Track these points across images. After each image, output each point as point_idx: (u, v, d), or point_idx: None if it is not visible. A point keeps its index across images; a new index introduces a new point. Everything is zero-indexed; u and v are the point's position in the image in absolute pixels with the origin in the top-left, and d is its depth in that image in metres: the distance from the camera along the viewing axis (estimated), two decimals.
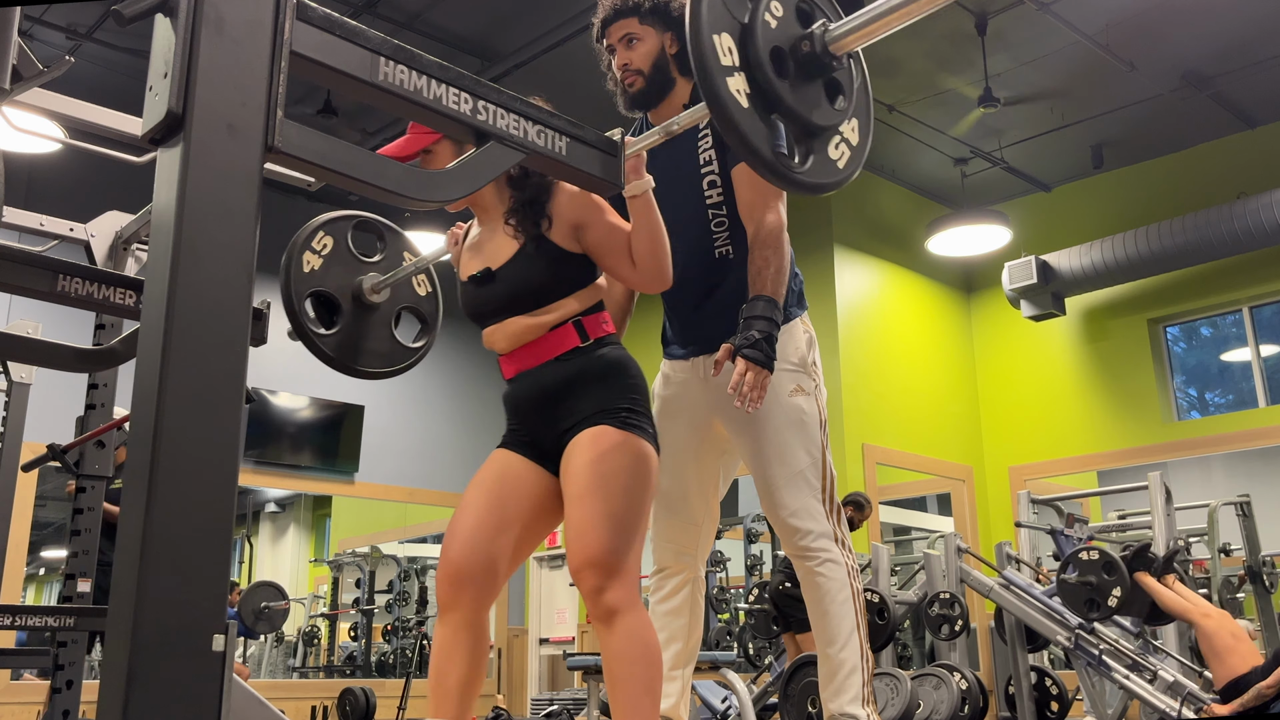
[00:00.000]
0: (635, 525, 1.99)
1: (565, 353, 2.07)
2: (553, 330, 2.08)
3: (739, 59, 1.33)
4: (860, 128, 1.52)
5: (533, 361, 2.09)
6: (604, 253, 2.09)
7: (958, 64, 6.95)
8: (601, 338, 2.10)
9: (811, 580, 2.32)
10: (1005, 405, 8.69)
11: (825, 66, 1.40)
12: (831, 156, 1.47)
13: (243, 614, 6.82)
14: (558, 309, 2.08)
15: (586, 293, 2.13)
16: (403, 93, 1.21)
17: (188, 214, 0.95)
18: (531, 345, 2.09)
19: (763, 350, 2.21)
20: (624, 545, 1.95)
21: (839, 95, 1.45)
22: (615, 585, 1.92)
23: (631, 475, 1.99)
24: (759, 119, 1.33)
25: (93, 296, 1.99)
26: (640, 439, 2.03)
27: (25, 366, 3.90)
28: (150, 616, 0.87)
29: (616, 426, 2.01)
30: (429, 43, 6.52)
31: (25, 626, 3.43)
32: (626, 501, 1.97)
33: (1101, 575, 4.35)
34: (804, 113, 1.38)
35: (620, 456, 1.99)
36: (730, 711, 5.41)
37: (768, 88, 1.34)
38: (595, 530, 1.93)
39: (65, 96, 2.73)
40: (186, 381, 0.92)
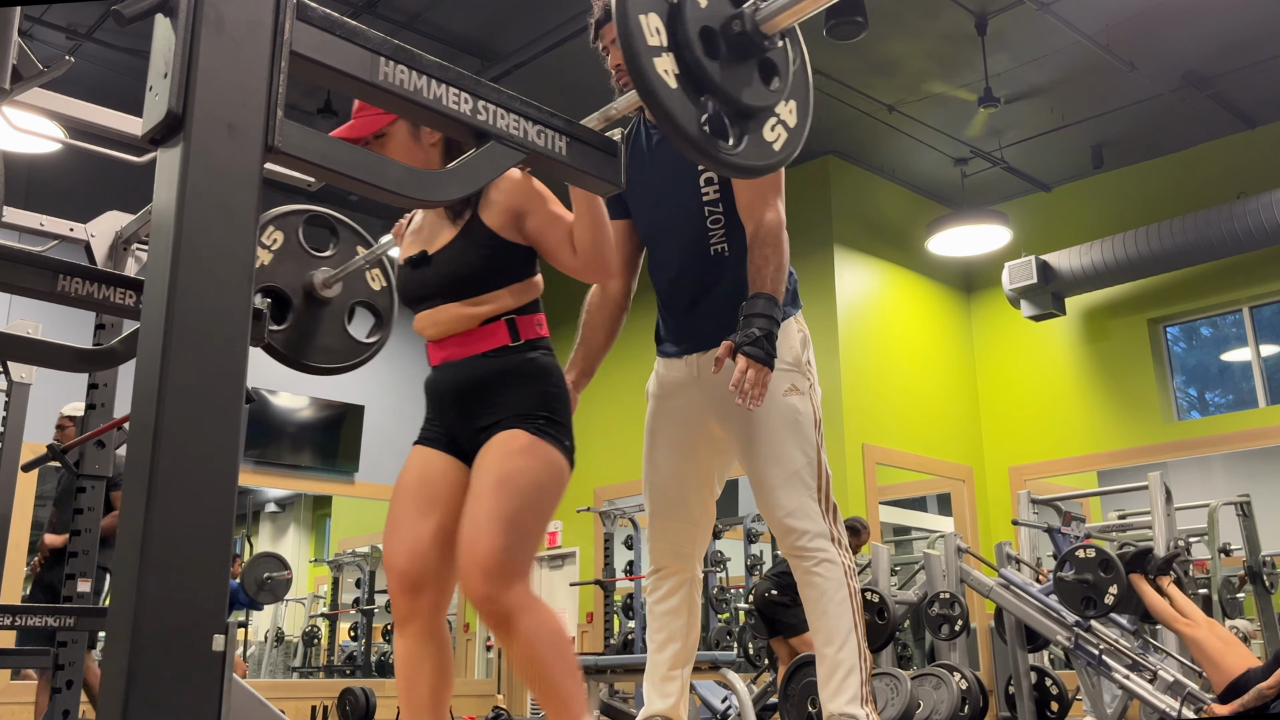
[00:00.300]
0: (531, 531, 1.94)
1: (493, 349, 2.03)
2: (484, 324, 2.04)
3: (667, 39, 1.31)
4: (799, 109, 1.50)
5: (459, 353, 2.06)
6: (545, 241, 2.05)
7: (958, 64, 6.95)
8: (533, 339, 2.06)
9: (808, 580, 2.31)
10: (1005, 405, 8.69)
11: (757, 46, 1.38)
12: (767, 138, 1.44)
13: (245, 585, 6.82)
14: (492, 301, 2.04)
15: (523, 288, 2.08)
16: (403, 93, 1.21)
17: (188, 214, 0.95)
18: (460, 336, 2.05)
19: (763, 347, 2.20)
20: (516, 547, 1.89)
21: (774, 76, 1.42)
22: (507, 588, 1.87)
23: (535, 482, 1.95)
24: (689, 100, 1.31)
25: (93, 296, 1.99)
26: (553, 448, 1.99)
27: (25, 366, 3.90)
28: (150, 616, 0.87)
29: (530, 432, 1.97)
30: (429, 43, 6.52)
31: (25, 627, 3.43)
32: (525, 505, 1.92)
33: (1098, 573, 4.36)
34: (735, 93, 1.36)
35: (527, 460, 1.95)
36: (730, 711, 5.41)
37: (697, 68, 1.32)
38: (488, 531, 1.88)
39: (65, 96, 2.73)
40: (186, 381, 0.92)
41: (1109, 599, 4.31)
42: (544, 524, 1.98)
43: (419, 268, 2.09)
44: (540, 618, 1.89)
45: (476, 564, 1.87)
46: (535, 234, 2.05)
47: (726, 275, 2.41)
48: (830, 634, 2.29)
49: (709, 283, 2.44)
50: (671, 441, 2.50)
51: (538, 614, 1.89)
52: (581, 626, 9.09)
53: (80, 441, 3.21)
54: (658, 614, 2.51)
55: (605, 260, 2.01)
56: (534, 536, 1.94)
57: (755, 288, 2.29)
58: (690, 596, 2.52)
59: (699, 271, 2.45)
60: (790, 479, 2.33)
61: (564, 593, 9.35)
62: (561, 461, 2.01)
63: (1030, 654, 4.99)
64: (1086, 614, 4.43)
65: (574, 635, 9.17)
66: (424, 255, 2.09)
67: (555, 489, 2.00)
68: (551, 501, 1.99)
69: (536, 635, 1.87)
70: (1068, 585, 4.42)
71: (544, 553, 9.62)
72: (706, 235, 2.43)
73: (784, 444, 2.34)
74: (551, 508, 2.00)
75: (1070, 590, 4.42)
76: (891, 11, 6.32)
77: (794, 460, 2.34)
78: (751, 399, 2.18)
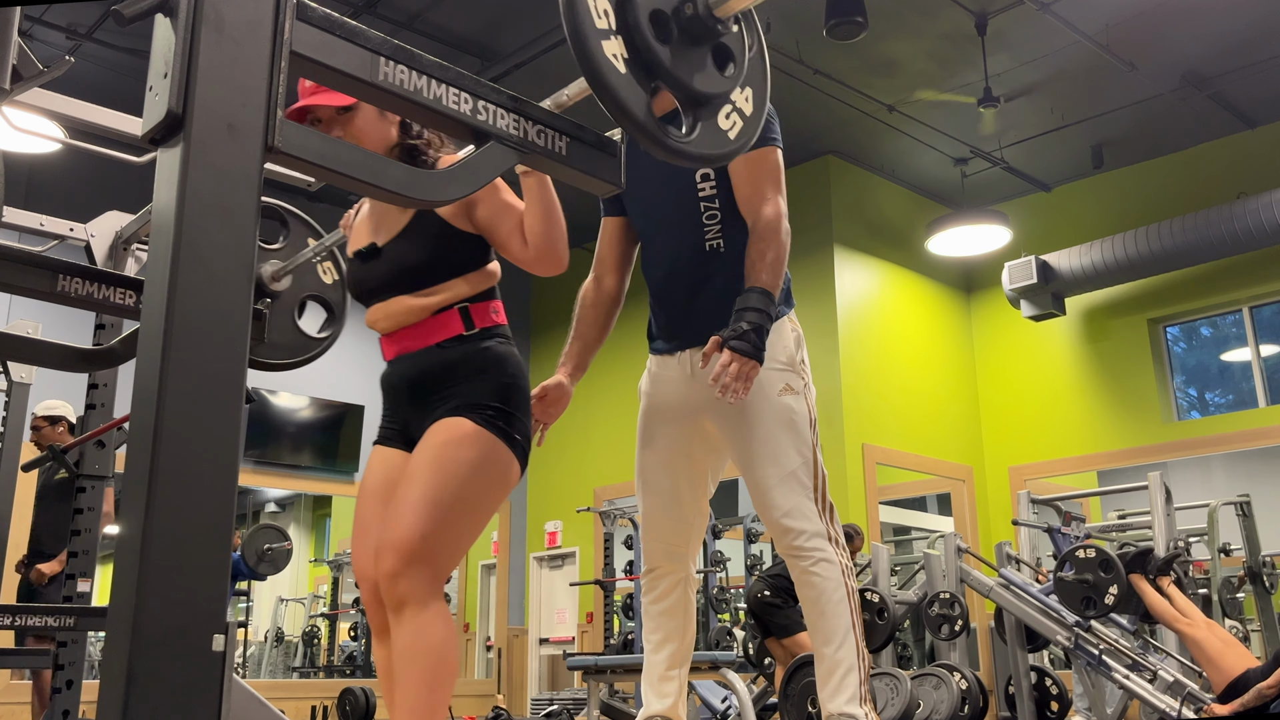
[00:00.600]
0: (459, 521, 1.86)
1: (447, 339, 1.97)
2: (436, 314, 1.98)
3: (615, 21, 1.26)
4: (755, 97, 1.46)
5: (413, 345, 2.00)
6: (495, 230, 1.98)
7: (958, 64, 6.95)
8: (489, 328, 2.01)
9: (806, 580, 2.31)
10: (1005, 405, 8.69)
11: (711, 31, 1.34)
12: (722, 126, 1.40)
13: (246, 556, 6.83)
14: (444, 291, 1.98)
15: (477, 276, 2.02)
16: (403, 93, 1.21)
17: (188, 214, 0.95)
18: (413, 328, 1.99)
19: (750, 341, 2.18)
20: (438, 535, 1.82)
21: (729, 62, 1.38)
22: (414, 574, 1.79)
23: (473, 471, 1.87)
24: (638, 85, 1.27)
25: (93, 296, 1.99)
26: (498, 439, 1.92)
27: (25, 366, 3.90)
28: (150, 616, 0.87)
29: (476, 422, 1.90)
30: (429, 43, 6.52)
31: (26, 626, 3.44)
32: (457, 493, 1.85)
33: (1098, 573, 4.36)
34: (688, 80, 1.32)
35: (467, 449, 1.88)
36: (730, 711, 5.41)
37: (647, 52, 1.28)
38: (413, 512, 1.81)
39: (65, 96, 2.73)
40: (186, 381, 0.92)
41: (1109, 599, 4.31)
42: (476, 518, 1.90)
43: (369, 260, 2.03)
44: (430, 620, 1.81)
45: (391, 543, 1.81)
46: (486, 223, 1.99)
47: (722, 271, 2.40)
48: (828, 634, 2.29)
49: (704, 278, 2.43)
50: (665, 440, 2.48)
51: (431, 616, 1.81)
52: (581, 626, 9.09)
53: (80, 441, 3.21)
54: (653, 614, 2.50)
55: (557, 251, 1.94)
56: (460, 529, 1.87)
57: (749, 281, 2.28)
58: (685, 596, 2.51)
59: (694, 267, 2.44)
60: (786, 479, 2.32)
61: (564, 593, 9.35)
62: (505, 455, 1.93)
63: (1030, 654, 4.99)
64: (1087, 614, 4.43)
65: (574, 635, 9.17)
66: (374, 248, 2.03)
67: (494, 483, 1.92)
68: (488, 496, 1.91)
69: (418, 633, 1.79)
70: (1068, 585, 4.42)
71: (543, 553, 9.62)
72: (702, 230, 2.42)
73: (779, 444, 2.33)
74: (488, 502, 1.92)
75: (1070, 590, 4.41)
76: (891, 11, 6.33)
77: (790, 460, 2.33)
78: (733, 392, 2.16)
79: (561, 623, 9.40)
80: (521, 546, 9.72)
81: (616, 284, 2.64)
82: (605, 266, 2.66)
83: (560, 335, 7.72)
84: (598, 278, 2.67)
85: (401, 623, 1.80)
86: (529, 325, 10.15)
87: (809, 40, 6.53)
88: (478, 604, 10.41)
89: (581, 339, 2.63)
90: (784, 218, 2.37)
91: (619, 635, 7.66)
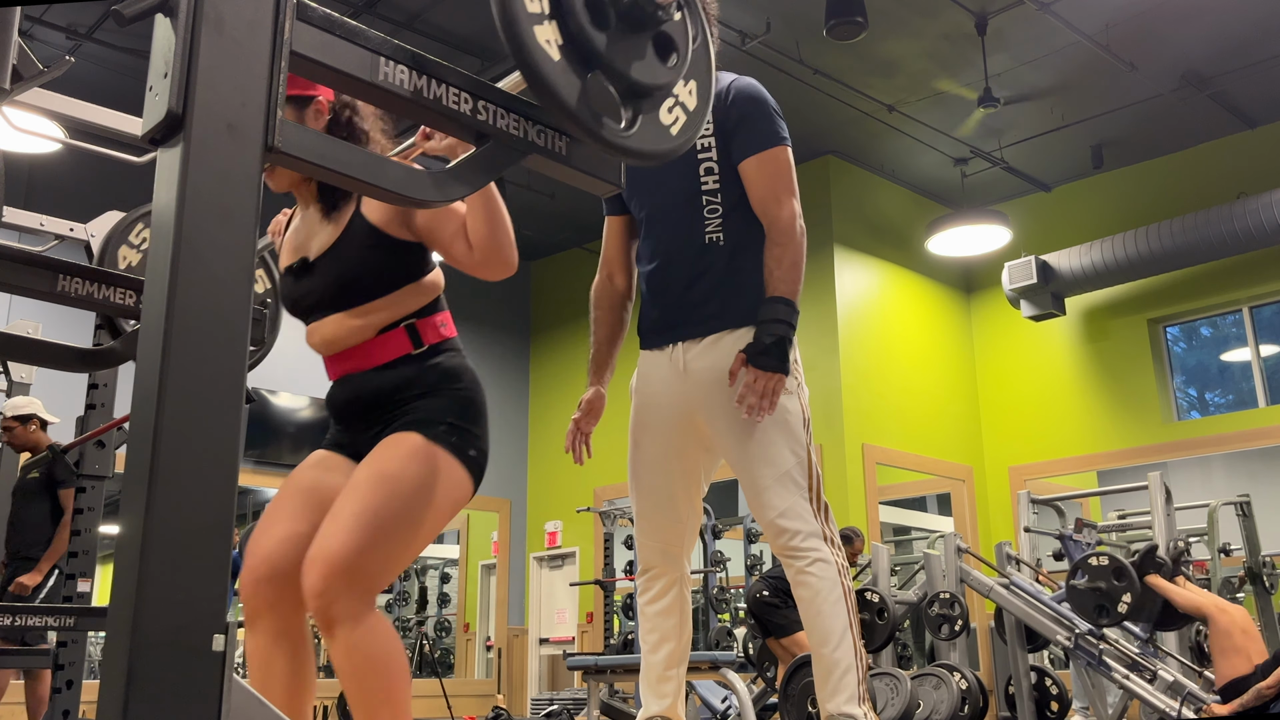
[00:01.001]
0: (398, 539, 1.74)
1: (395, 359, 1.86)
2: (381, 333, 1.86)
3: (549, 5, 1.20)
4: (699, 90, 1.38)
5: (359, 366, 1.88)
6: (437, 234, 1.85)
7: (958, 64, 6.95)
8: (438, 344, 1.90)
9: (802, 580, 2.30)
10: (1005, 405, 8.69)
11: (651, 18, 1.27)
12: (664, 121, 1.33)
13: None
14: (387, 307, 1.87)
15: (420, 288, 1.90)
16: (403, 93, 1.21)
17: (188, 214, 0.95)
18: (358, 349, 1.88)
19: (774, 355, 2.23)
20: (373, 553, 1.70)
21: (672, 52, 1.31)
22: (344, 592, 1.67)
23: (418, 488, 1.76)
24: (573, 74, 1.20)
25: (93, 296, 1.99)
26: (449, 456, 1.81)
27: (25, 366, 3.90)
28: (150, 616, 0.87)
29: (426, 437, 1.80)
30: (429, 43, 6.52)
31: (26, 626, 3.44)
32: (399, 511, 1.73)
33: (1111, 581, 4.31)
34: (626, 69, 1.24)
35: (413, 465, 1.77)
36: (730, 711, 5.41)
37: (582, 38, 1.21)
38: (348, 527, 1.70)
39: (65, 96, 2.73)
40: (186, 381, 0.92)
41: (1123, 607, 4.27)
42: (416, 537, 1.78)
43: (302, 277, 1.91)
44: (365, 635, 1.69)
45: (321, 557, 1.69)
46: (426, 229, 1.86)
47: (718, 263, 2.41)
48: (826, 634, 2.28)
49: (700, 270, 2.43)
50: (657, 440, 2.48)
51: (365, 629, 1.69)
52: (581, 626, 9.09)
53: (80, 442, 3.21)
54: (650, 615, 2.50)
55: (503, 253, 1.80)
56: (398, 547, 1.75)
57: (769, 290, 2.32)
58: (681, 596, 2.51)
59: (691, 258, 2.44)
60: (781, 479, 2.32)
61: (564, 593, 9.35)
62: (456, 474, 1.82)
63: (1030, 654, 4.99)
64: (1100, 621, 4.39)
65: (574, 635, 9.17)
66: (305, 263, 1.90)
67: (440, 501, 1.80)
68: (432, 515, 1.79)
69: (353, 650, 1.68)
70: (1081, 593, 4.37)
71: (543, 553, 9.62)
72: (702, 223, 2.43)
73: (773, 444, 2.33)
74: (432, 521, 1.80)
75: (1083, 598, 4.37)
76: (891, 11, 6.33)
77: (784, 460, 2.33)
78: (760, 410, 2.22)
79: (561, 623, 9.40)
80: (521, 546, 9.72)
81: (626, 281, 2.66)
82: (614, 265, 2.68)
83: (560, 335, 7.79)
84: (608, 276, 2.69)
85: (336, 642, 1.68)
86: (529, 325, 10.15)
87: (809, 40, 6.53)
88: (478, 604, 10.41)
89: (604, 341, 2.66)
90: (799, 218, 2.39)
91: (619, 635, 7.67)
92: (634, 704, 5.82)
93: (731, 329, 2.37)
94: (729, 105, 2.41)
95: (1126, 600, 4.25)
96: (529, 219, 8.78)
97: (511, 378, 9.94)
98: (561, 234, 9.31)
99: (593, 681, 4.35)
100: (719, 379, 2.34)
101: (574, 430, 2.61)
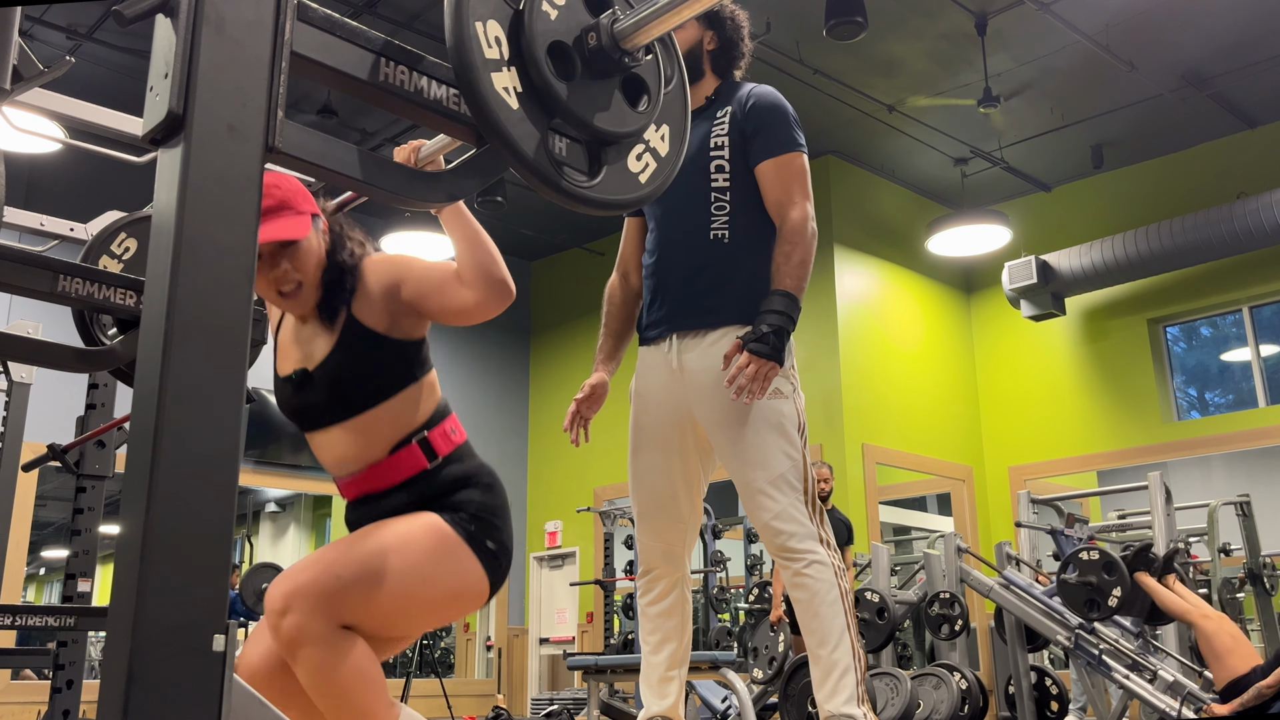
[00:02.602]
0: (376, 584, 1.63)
1: (412, 477, 1.79)
2: (394, 452, 1.78)
3: (508, 51, 1.15)
4: (672, 135, 1.32)
5: (376, 487, 1.80)
6: (431, 293, 1.76)
7: (958, 64, 6.95)
8: (450, 454, 1.81)
9: (798, 582, 2.31)
10: (1005, 405, 8.69)
11: (617, 64, 1.21)
12: (632, 169, 1.27)
13: (244, 595, 6.84)
14: (392, 417, 1.79)
15: (421, 393, 1.82)
16: (403, 93, 1.20)
17: (188, 214, 0.95)
18: (373, 471, 1.79)
19: (769, 343, 2.25)
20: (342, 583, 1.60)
21: (642, 96, 1.26)
22: (305, 612, 1.58)
23: (416, 551, 1.67)
24: (532, 124, 1.15)
25: (93, 296, 1.98)
26: (463, 542, 1.72)
27: (25, 366, 3.90)
28: (150, 616, 0.87)
29: (444, 518, 1.73)
30: (429, 43, 6.52)
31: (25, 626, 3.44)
32: (384, 560, 1.64)
33: (1101, 575, 4.35)
34: (589, 117, 1.19)
35: (420, 533, 1.69)
36: (730, 711, 5.41)
37: (543, 87, 1.16)
38: (318, 558, 1.62)
39: (65, 96, 2.73)
40: (186, 381, 0.92)
41: (1113, 601, 4.30)
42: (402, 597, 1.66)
43: (303, 388, 1.83)
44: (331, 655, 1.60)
45: (288, 579, 1.61)
46: (416, 294, 1.77)
47: (721, 258, 2.44)
48: (824, 635, 2.29)
49: (702, 264, 2.46)
50: (657, 440, 2.50)
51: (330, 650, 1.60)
52: (581, 626, 9.10)
53: (80, 442, 3.21)
54: (651, 615, 2.50)
55: (496, 275, 1.71)
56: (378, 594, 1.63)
57: (775, 283, 2.35)
58: (683, 596, 2.52)
59: (695, 252, 2.47)
60: (776, 481, 2.33)
61: (564, 593, 9.35)
62: (469, 560, 1.73)
63: (1030, 654, 4.99)
64: (1090, 616, 4.43)
65: (574, 635, 9.18)
66: (305, 374, 1.83)
67: (443, 578, 1.70)
68: (429, 587, 1.69)
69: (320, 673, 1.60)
70: (1071, 587, 4.41)
71: (543, 553, 9.62)
72: (709, 219, 2.46)
73: (767, 447, 2.34)
74: (428, 594, 1.69)
75: (1074, 592, 4.41)
76: (891, 11, 6.33)
77: (779, 463, 2.34)
78: (749, 393, 2.22)
79: (561, 622, 9.40)
80: (521, 546, 9.73)
81: (640, 280, 2.68)
82: (629, 265, 2.73)
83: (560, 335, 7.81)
84: (623, 275, 2.74)
85: (299, 664, 1.60)
86: (529, 325, 10.15)
87: (809, 40, 6.53)
88: None
89: (613, 335, 2.71)
90: (810, 220, 2.43)
91: (619, 635, 7.67)
92: (634, 704, 5.82)
93: (729, 327, 2.39)
94: (748, 110, 2.48)
95: (1116, 595, 4.28)
96: (529, 219, 8.78)
97: (511, 378, 9.95)
98: (561, 234, 9.30)
99: (593, 681, 4.35)
100: (715, 381, 2.35)
101: (574, 412, 2.63)
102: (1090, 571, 4.38)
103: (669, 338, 2.47)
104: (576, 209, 1.24)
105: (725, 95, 2.54)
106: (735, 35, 2.58)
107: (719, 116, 2.50)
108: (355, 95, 1.21)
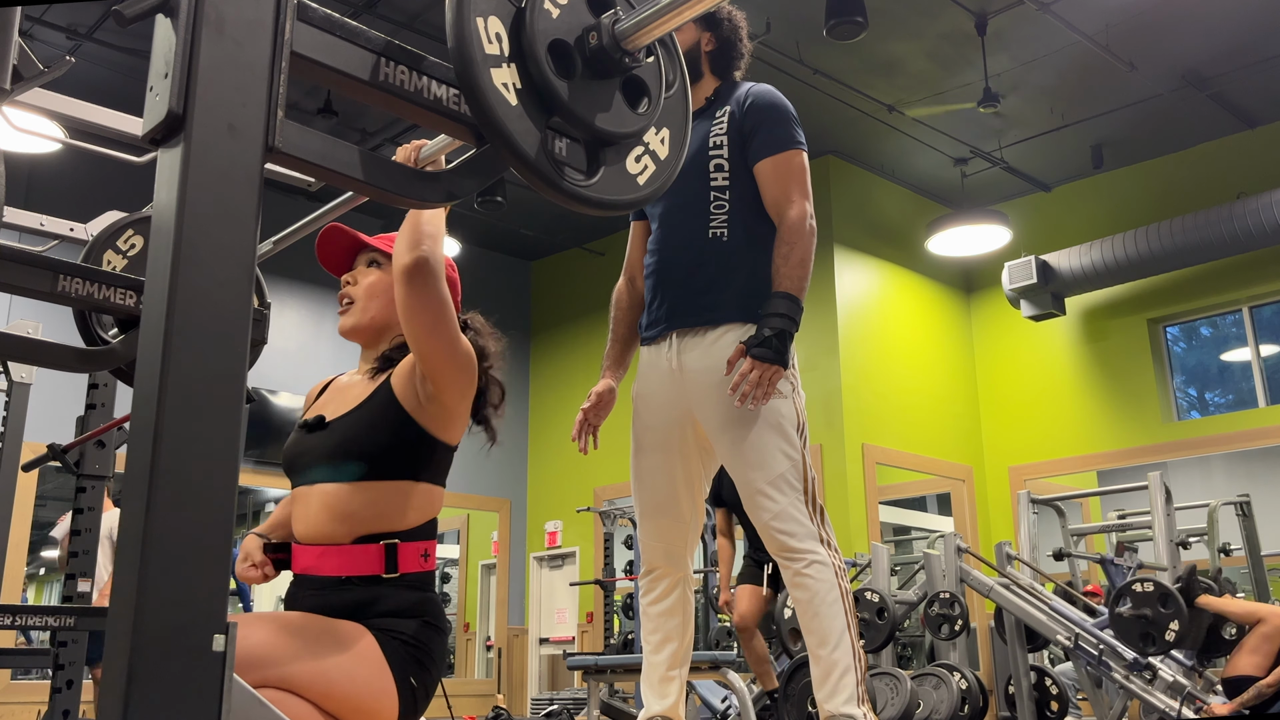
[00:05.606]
0: (305, 690, 1.53)
1: (360, 577, 1.67)
2: (357, 543, 1.68)
3: (509, 48, 1.15)
4: (672, 139, 1.32)
5: (321, 568, 1.70)
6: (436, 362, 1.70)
7: (958, 64, 6.95)
8: (411, 575, 1.70)
9: (799, 582, 2.31)
10: (1005, 405, 8.69)
11: (618, 64, 1.21)
12: (630, 170, 1.27)
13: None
14: (376, 501, 1.70)
15: (415, 498, 1.73)
16: (403, 93, 1.20)
17: (188, 214, 0.95)
18: (327, 552, 1.69)
19: (772, 347, 2.26)
20: (282, 676, 1.51)
21: (642, 98, 1.26)
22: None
23: (335, 667, 1.56)
24: (530, 121, 1.16)
25: (93, 296, 1.98)
26: (389, 672, 1.60)
27: (25, 366, 3.90)
28: (150, 616, 0.87)
29: (375, 637, 1.62)
30: (429, 43, 6.52)
31: (25, 626, 3.44)
32: (330, 682, 1.55)
33: (1157, 608, 4.18)
34: (589, 117, 1.19)
35: (342, 640, 1.58)
36: (730, 711, 5.41)
37: (543, 84, 1.16)
38: (279, 649, 1.53)
39: (65, 96, 2.72)
40: (186, 381, 0.92)
41: (1170, 634, 4.13)
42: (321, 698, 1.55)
43: (313, 431, 1.79)
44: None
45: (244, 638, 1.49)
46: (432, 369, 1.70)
47: (720, 257, 2.45)
48: (824, 635, 2.29)
49: (701, 261, 2.46)
50: (658, 441, 2.50)
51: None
52: (581, 626, 9.10)
53: (80, 441, 3.21)
54: (652, 615, 2.51)
55: (422, 249, 1.65)
56: (306, 690, 1.53)
57: (775, 285, 2.36)
58: (684, 596, 2.52)
59: (693, 250, 2.48)
60: (776, 482, 2.33)
61: (564, 593, 9.35)
62: (385, 681, 1.60)
63: (1030, 654, 4.99)
64: (1147, 650, 4.24)
65: (574, 635, 9.18)
66: (320, 420, 1.79)
67: (360, 704, 1.57)
68: (344, 696, 1.56)
69: None
70: (1125, 620, 4.25)
71: (544, 553, 9.62)
72: (708, 218, 2.47)
73: (767, 448, 2.34)
74: (339, 697, 1.55)
75: (1128, 625, 4.25)
76: (891, 11, 6.33)
77: (778, 464, 2.34)
78: (753, 399, 2.24)
79: (561, 622, 9.40)
80: (521, 546, 9.73)
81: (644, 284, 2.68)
82: (636, 269, 2.73)
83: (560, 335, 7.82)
84: (630, 279, 2.74)
85: None
86: (529, 325, 10.15)
87: (809, 40, 6.53)
88: (478, 604, 10.42)
89: (620, 341, 2.71)
90: (809, 218, 2.43)
91: (619, 635, 7.67)
92: (634, 704, 5.82)
93: (728, 325, 2.39)
94: (746, 109, 2.48)
95: (1174, 628, 4.12)
96: (529, 219, 8.78)
97: (511, 378, 9.94)
98: (561, 234, 9.30)
99: (593, 681, 4.35)
100: (715, 382, 2.35)
101: (582, 420, 2.64)
102: (1145, 604, 4.21)
103: (669, 336, 2.47)
104: (574, 208, 1.24)
105: (724, 95, 2.55)
106: (733, 36, 2.58)
107: (718, 116, 2.51)
108: (356, 96, 1.21)
